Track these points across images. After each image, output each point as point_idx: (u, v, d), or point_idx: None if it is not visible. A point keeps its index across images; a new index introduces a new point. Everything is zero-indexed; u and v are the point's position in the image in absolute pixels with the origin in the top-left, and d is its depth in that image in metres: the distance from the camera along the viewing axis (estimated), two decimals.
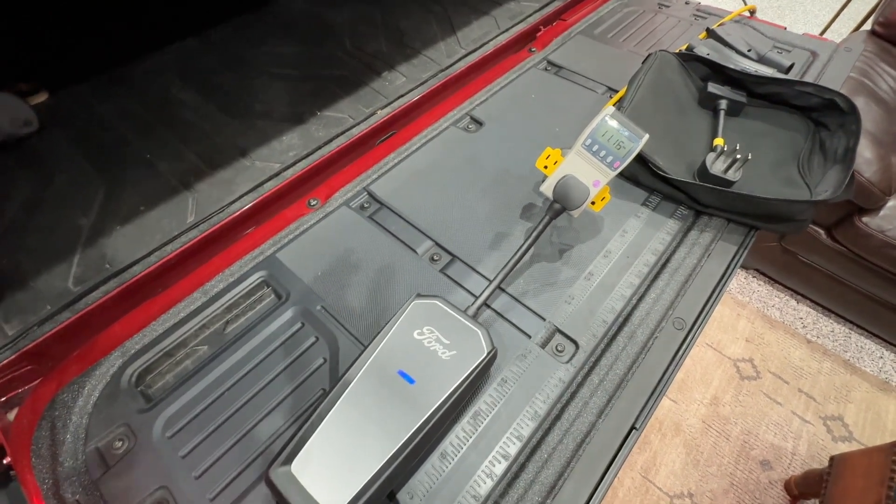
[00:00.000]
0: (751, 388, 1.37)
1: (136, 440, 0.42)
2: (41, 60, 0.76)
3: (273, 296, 0.53)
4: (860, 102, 1.27)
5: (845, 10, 2.03)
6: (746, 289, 1.61)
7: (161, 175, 0.63)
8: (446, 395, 0.39)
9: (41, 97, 0.75)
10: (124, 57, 0.80)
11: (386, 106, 0.75)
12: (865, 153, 1.17)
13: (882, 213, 1.20)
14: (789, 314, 1.55)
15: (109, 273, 0.53)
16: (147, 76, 0.78)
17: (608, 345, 0.48)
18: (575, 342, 0.48)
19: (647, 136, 0.47)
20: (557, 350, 0.48)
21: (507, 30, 0.90)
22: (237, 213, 0.60)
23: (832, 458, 1.06)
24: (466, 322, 0.43)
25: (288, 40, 0.86)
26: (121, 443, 0.42)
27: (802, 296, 1.58)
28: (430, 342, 0.42)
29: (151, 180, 0.63)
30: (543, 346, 0.48)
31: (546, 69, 0.81)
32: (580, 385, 0.45)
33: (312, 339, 0.48)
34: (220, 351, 0.48)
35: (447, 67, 0.81)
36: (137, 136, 0.68)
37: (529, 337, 0.48)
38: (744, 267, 1.63)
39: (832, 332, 1.52)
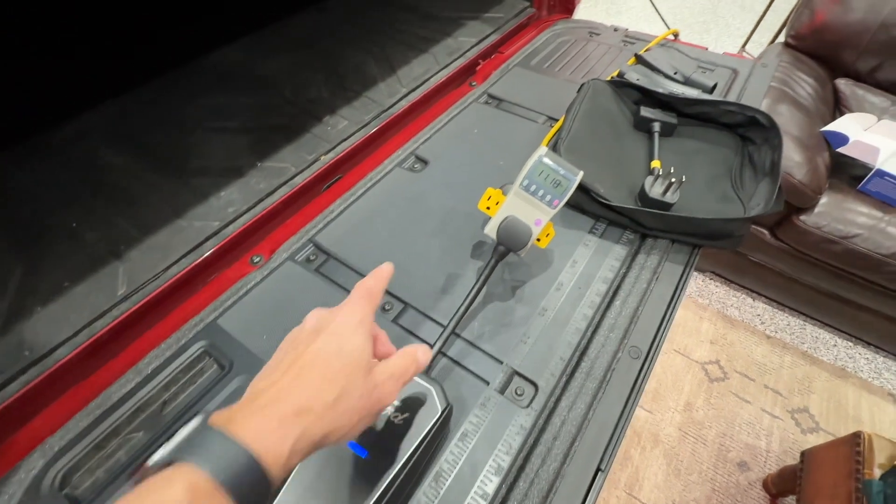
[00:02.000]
0: (720, 390, 1.40)
1: None
2: None
3: (216, 366, 0.50)
4: (784, 109, 1.36)
5: (763, 22, 2.21)
6: (705, 291, 1.66)
7: (87, 246, 0.59)
8: (402, 462, 0.37)
9: None
10: (44, 122, 0.75)
11: (329, 151, 0.73)
12: (795, 157, 1.24)
13: (816, 210, 1.27)
14: (747, 312, 1.61)
15: (29, 361, 0.48)
16: (70, 141, 0.73)
17: (567, 382, 0.47)
18: (534, 384, 0.47)
19: (581, 174, 0.47)
20: (517, 394, 0.46)
21: (446, 66, 0.91)
22: (173, 279, 0.56)
23: (803, 454, 1.08)
24: (418, 379, 0.41)
25: (223, 92, 0.84)
26: None
27: (757, 293, 1.64)
28: None
29: (77, 253, 0.58)
30: (502, 391, 0.46)
31: (487, 102, 0.83)
32: (542, 430, 0.44)
33: None
34: (157, 435, 0.44)
35: (389, 108, 0.81)
36: (60, 206, 0.64)
37: (488, 383, 0.47)
38: (700, 270, 1.69)
39: (788, 325, 1.58)
